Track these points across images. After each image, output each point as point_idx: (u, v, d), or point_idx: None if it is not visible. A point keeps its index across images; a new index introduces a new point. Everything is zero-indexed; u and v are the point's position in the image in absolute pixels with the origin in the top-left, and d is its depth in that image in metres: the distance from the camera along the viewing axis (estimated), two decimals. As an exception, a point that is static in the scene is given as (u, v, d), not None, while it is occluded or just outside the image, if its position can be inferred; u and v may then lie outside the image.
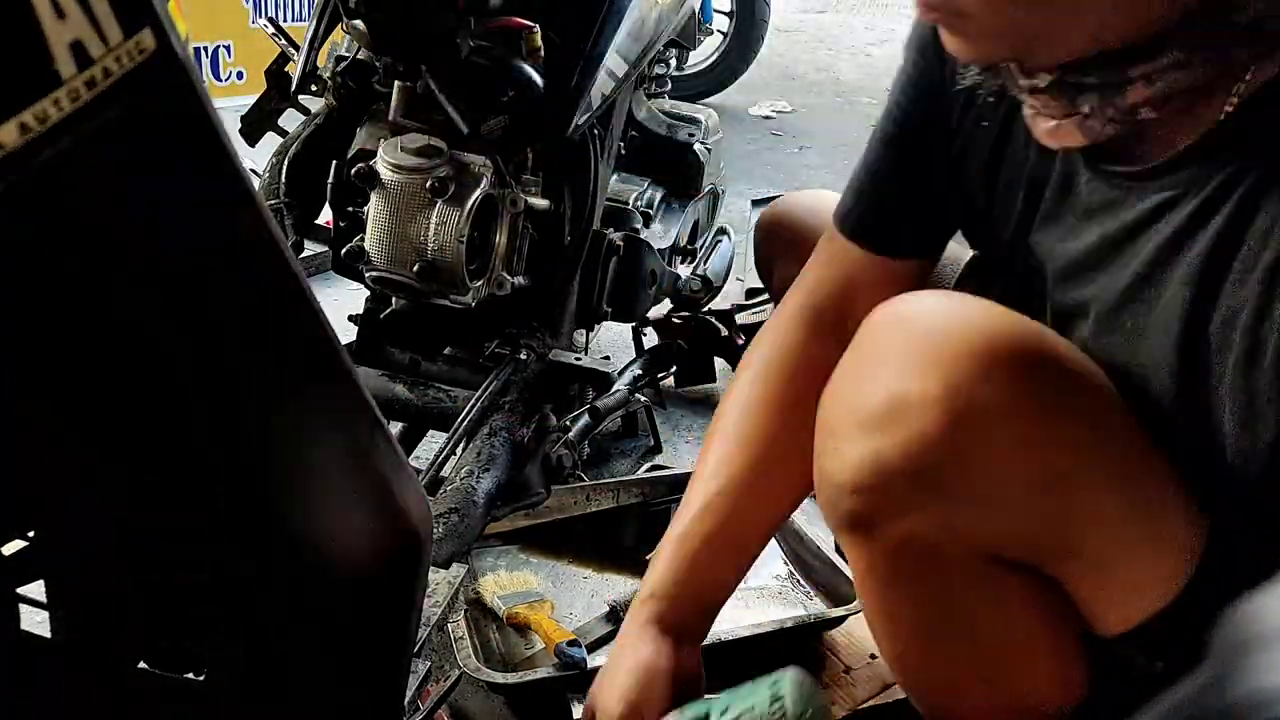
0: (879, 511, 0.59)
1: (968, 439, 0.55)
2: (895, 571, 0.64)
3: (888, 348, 0.59)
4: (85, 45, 0.25)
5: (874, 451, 0.57)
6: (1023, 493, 0.56)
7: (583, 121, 1.09)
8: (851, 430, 0.59)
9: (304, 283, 0.36)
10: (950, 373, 0.55)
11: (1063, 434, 0.56)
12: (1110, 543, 0.59)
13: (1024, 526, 0.58)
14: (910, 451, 0.56)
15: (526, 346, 1.15)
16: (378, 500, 0.45)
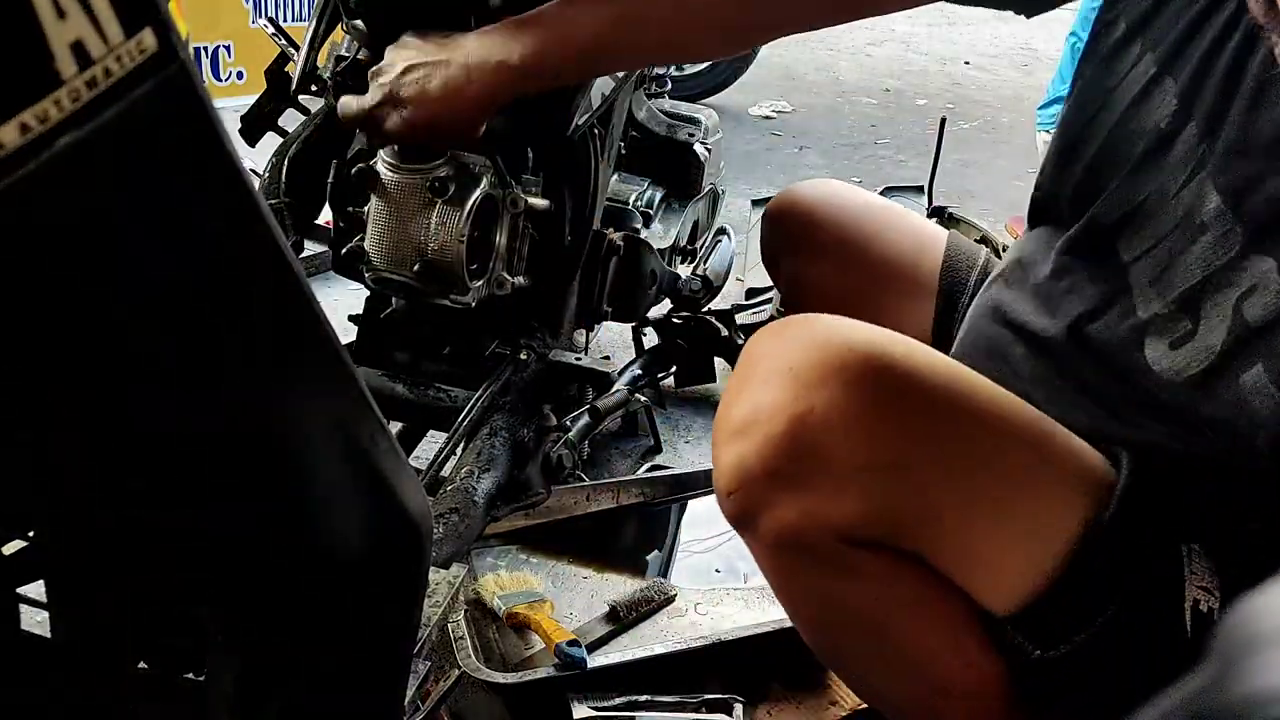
0: (750, 509, 0.67)
1: (809, 436, 0.63)
2: (779, 565, 0.71)
3: (752, 369, 0.68)
4: (86, 45, 0.25)
5: (738, 456, 0.66)
6: (864, 479, 0.63)
7: (583, 121, 1.09)
8: (725, 441, 0.67)
9: (304, 283, 0.36)
10: (793, 383, 0.64)
11: (898, 427, 0.64)
12: (966, 527, 0.65)
13: (872, 510, 0.64)
14: (764, 453, 0.64)
15: (526, 346, 1.15)
16: (378, 500, 0.45)
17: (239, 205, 0.32)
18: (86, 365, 0.31)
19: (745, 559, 1.14)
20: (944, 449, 0.65)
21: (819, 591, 0.71)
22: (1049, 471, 0.66)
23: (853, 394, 0.63)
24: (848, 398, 0.63)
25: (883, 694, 0.78)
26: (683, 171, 1.55)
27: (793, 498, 0.65)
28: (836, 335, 0.66)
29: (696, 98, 3.70)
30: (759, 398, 0.66)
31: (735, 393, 0.69)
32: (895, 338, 0.67)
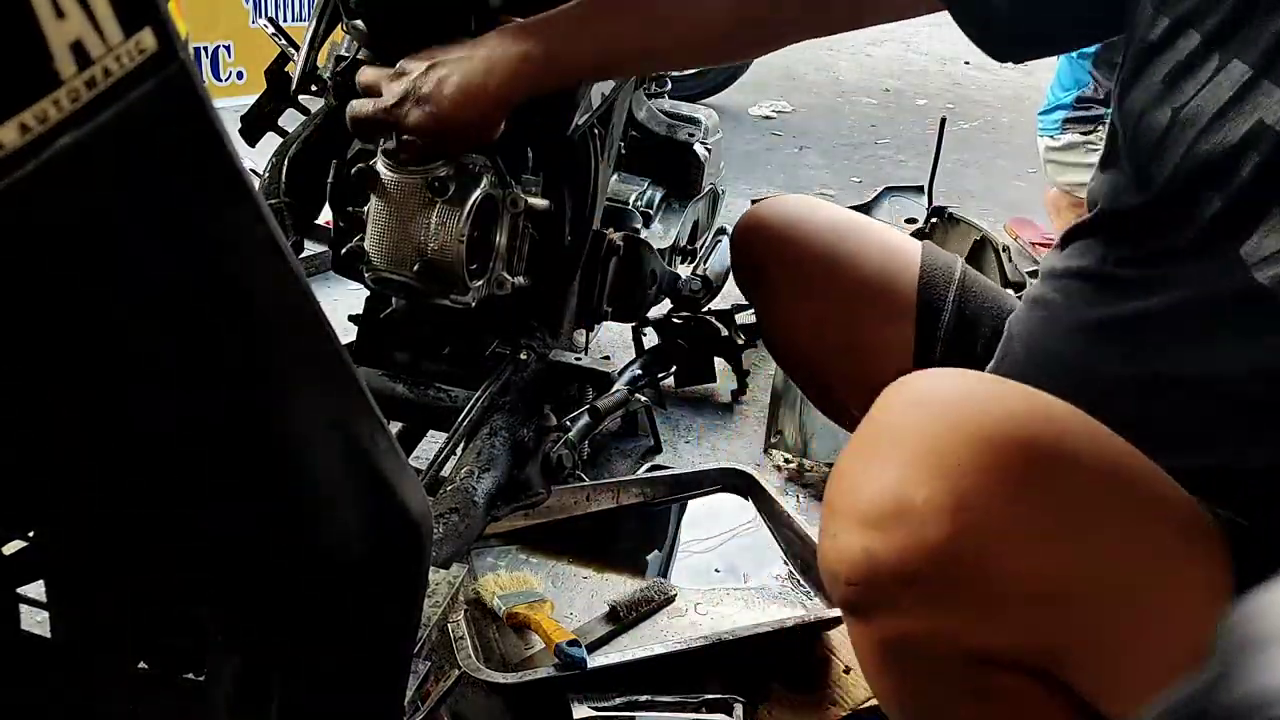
0: (872, 605, 0.59)
1: (966, 552, 0.54)
2: (888, 659, 0.63)
3: (893, 438, 0.58)
4: (85, 45, 0.25)
5: (868, 549, 0.56)
6: (1020, 606, 0.55)
7: (583, 121, 1.09)
8: (851, 520, 0.58)
9: (304, 283, 0.36)
10: (956, 480, 0.54)
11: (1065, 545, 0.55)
12: (1114, 639, 0.57)
13: (1020, 638, 0.57)
14: (908, 556, 0.55)
15: (526, 346, 1.15)
16: (378, 500, 0.45)
17: (238, 205, 0.32)
18: (86, 365, 0.31)
19: (745, 559, 1.14)
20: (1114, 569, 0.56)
21: (929, 694, 0.64)
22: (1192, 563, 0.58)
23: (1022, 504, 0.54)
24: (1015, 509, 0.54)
25: None
26: (683, 171, 1.55)
27: (929, 611, 0.56)
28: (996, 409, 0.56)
29: (697, 98, 3.70)
30: (901, 484, 0.55)
31: (866, 459, 0.59)
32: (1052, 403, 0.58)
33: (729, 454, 1.50)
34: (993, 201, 2.91)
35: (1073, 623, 0.56)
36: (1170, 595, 0.57)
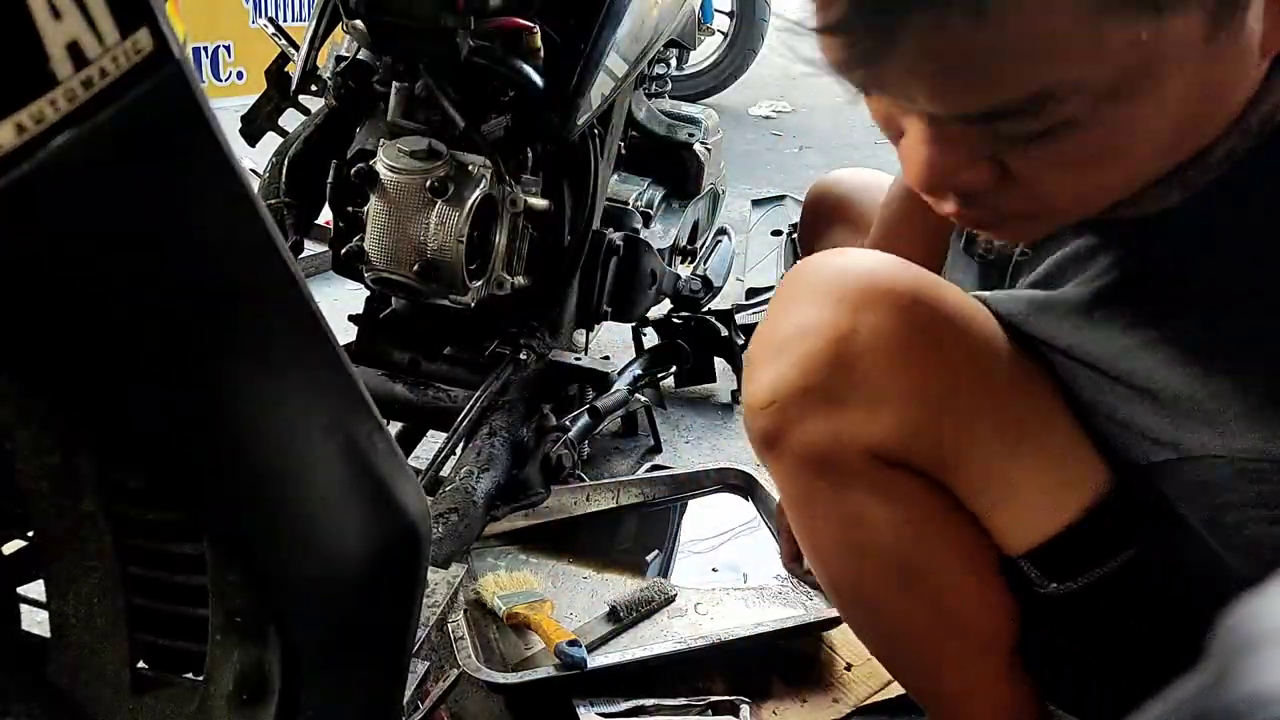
0: (783, 424, 0.69)
1: (852, 355, 0.65)
2: (804, 481, 0.72)
3: (795, 291, 0.70)
4: (82, 45, 0.25)
5: (777, 372, 0.68)
6: (901, 402, 0.65)
7: (583, 121, 1.09)
8: (764, 359, 0.69)
9: (303, 283, 0.36)
10: (839, 303, 0.66)
11: (936, 355, 0.65)
12: (993, 462, 0.66)
13: (905, 432, 0.65)
14: (805, 367, 0.66)
15: (526, 346, 1.15)
16: (376, 500, 0.45)
17: (236, 205, 0.32)
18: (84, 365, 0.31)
19: (745, 559, 1.14)
20: (982, 385, 0.66)
21: (843, 514, 0.71)
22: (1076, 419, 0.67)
23: (898, 320, 0.65)
24: (892, 323, 0.64)
25: (896, 639, 0.77)
26: (683, 171, 1.55)
27: (827, 414, 0.67)
28: (884, 264, 0.68)
29: (697, 98, 3.70)
30: (802, 317, 0.67)
31: (778, 312, 0.71)
32: (937, 278, 0.69)
33: (729, 454, 1.50)
34: (993, 201, 2.91)
35: (945, 423, 0.66)
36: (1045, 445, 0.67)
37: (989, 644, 0.72)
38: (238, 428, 0.36)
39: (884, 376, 0.65)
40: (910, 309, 0.65)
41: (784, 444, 0.70)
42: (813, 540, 0.77)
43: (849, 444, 0.67)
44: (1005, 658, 0.72)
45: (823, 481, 0.70)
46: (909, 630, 0.75)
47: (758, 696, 0.96)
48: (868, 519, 0.70)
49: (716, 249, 1.70)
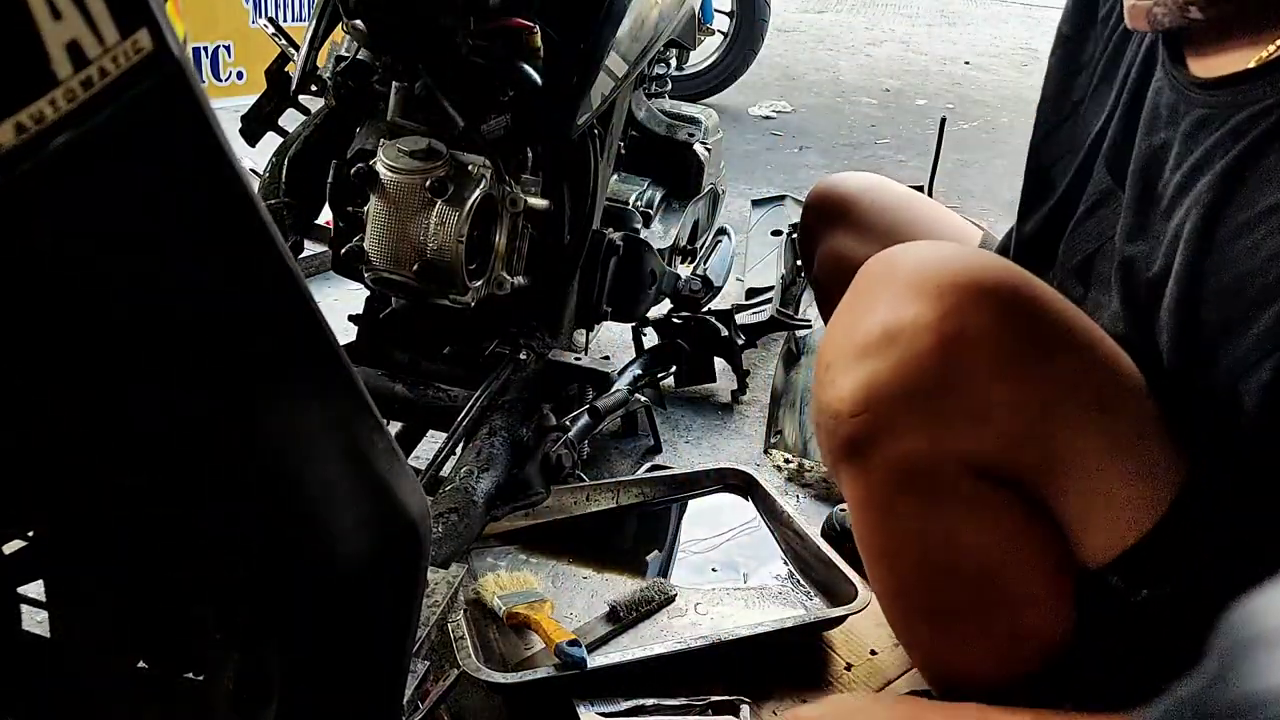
0: (875, 433, 0.62)
1: (957, 360, 0.59)
2: (891, 494, 0.66)
3: (880, 286, 0.63)
4: (81, 45, 0.25)
5: (870, 375, 0.61)
6: (1007, 413, 0.60)
7: (583, 121, 1.09)
8: (848, 360, 0.62)
9: (302, 283, 0.36)
10: (942, 301, 0.59)
11: (1044, 363, 0.60)
12: (1092, 468, 0.62)
13: (1009, 444, 0.61)
14: (905, 372, 0.60)
15: (526, 346, 1.15)
16: (376, 500, 0.45)
17: (235, 205, 0.32)
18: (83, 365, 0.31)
19: (745, 559, 1.14)
20: (1086, 390, 0.62)
21: (929, 531, 0.66)
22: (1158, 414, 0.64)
23: (1007, 321, 0.59)
24: (1001, 324, 0.59)
25: (950, 639, 0.73)
26: (683, 171, 1.55)
27: (927, 422, 0.61)
28: (985, 260, 0.62)
29: (698, 97, 3.70)
30: (894, 314, 0.60)
31: (860, 306, 0.64)
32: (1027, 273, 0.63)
33: (729, 454, 1.50)
34: (991, 201, 2.91)
35: (1056, 434, 0.61)
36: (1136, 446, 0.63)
37: (1049, 660, 0.69)
38: (237, 427, 0.36)
39: (992, 383, 0.59)
40: (1019, 310, 0.60)
41: (874, 453, 0.63)
42: (884, 550, 0.71)
43: (948, 455, 0.62)
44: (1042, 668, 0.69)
45: (911, 495, 0.65)
46: (972, 645, 0.71)
47: (758, 696, 0.96)
48: (956, 538, 0.65)
49: (716, 249, 1.70)
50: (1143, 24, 0.64)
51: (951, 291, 0.59)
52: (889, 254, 0.65)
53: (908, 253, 0.64)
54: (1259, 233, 0.56)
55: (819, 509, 1.39)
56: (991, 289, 0.59)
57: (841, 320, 0.65)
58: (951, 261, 0.61)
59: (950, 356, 0.59)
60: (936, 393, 0.60)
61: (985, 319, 0.59)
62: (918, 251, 0.64)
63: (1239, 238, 0.57)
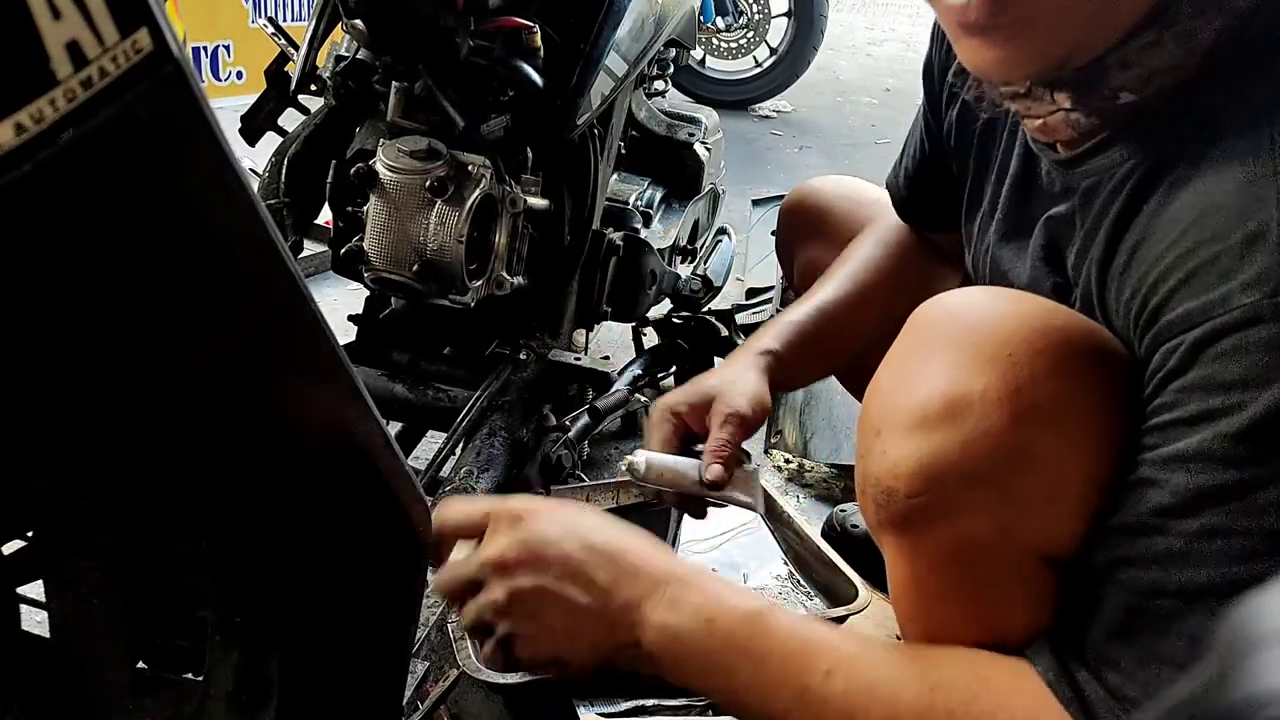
0: (933, 514, 0.56)
1: (1030, 437, 0.53)
2: (942, 575, 0.60)
3: (937, 344, 0.57)
4: (81, 45, 0.25)
5: (932, 453, 0.55)
6: (1082, 492, 0.54)
7: (583, 121, 1.09)
8: (903, 430, 0.56)
9: (302, 283, 0.36)
10: (1015, 370, 0.53)
11: (1111, 430, 0.54)
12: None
13: (1084, 525, 0.55)
14: (973, 452, 0.53)
15: (526, 346, 1.15)
16: (376, 501, 0.45)
17: (235, 205, 0.32)
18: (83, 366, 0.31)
19: (745, 559, 1.14)
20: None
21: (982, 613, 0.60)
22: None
23: (1082, 387, 0.53)
24: (1077, 391, 0.53)
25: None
26: (683, 171, 1.55)
27: (996, 506, 0.54)
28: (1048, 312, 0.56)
29: (755, 100, 3.82)
30: (963, 380, 0.54)
31: (914, 367, 0.58)
32: (1085, 317, 0.58)
33: (729, 454, 1.50)
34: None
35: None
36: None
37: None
38: (236, 428, 0.36)
39: (1068, 458, 0.53)
40: (1090, 371, 0.54)
41: (928, 533, 0.57)
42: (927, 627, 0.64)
43: (1016, 542, 0.56)
44: None
45: (966, 577, 0.58)
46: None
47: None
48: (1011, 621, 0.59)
49: (716, 249, 1.70)
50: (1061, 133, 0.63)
51: (1025, 360, 0.53)
52: (942, 305, 0.60)
53: (964, 304, 0.59)
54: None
55: (819, 509, 1.39)
56: (1065, 352, 0.54)
57: (892, 379, 0.59)
58: (1018, 319, 0.55)
59: (1023, 434, 0.53)
60: (1006, 474, 0.53)
61: (1060, 388, 0.53)
62: (975, 303, 0.58)
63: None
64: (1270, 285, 0.46)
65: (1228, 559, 0.47)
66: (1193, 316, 0.49)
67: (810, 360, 0.93)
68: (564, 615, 0.63)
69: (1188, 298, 0.50)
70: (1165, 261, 0.52)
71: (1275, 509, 0.46)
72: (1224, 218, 0.50)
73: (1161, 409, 0.51)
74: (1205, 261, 0.50)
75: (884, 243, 0.98)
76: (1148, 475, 0.51)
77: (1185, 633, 0.49)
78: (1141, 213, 0.56)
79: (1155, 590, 0.50)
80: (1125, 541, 0.52)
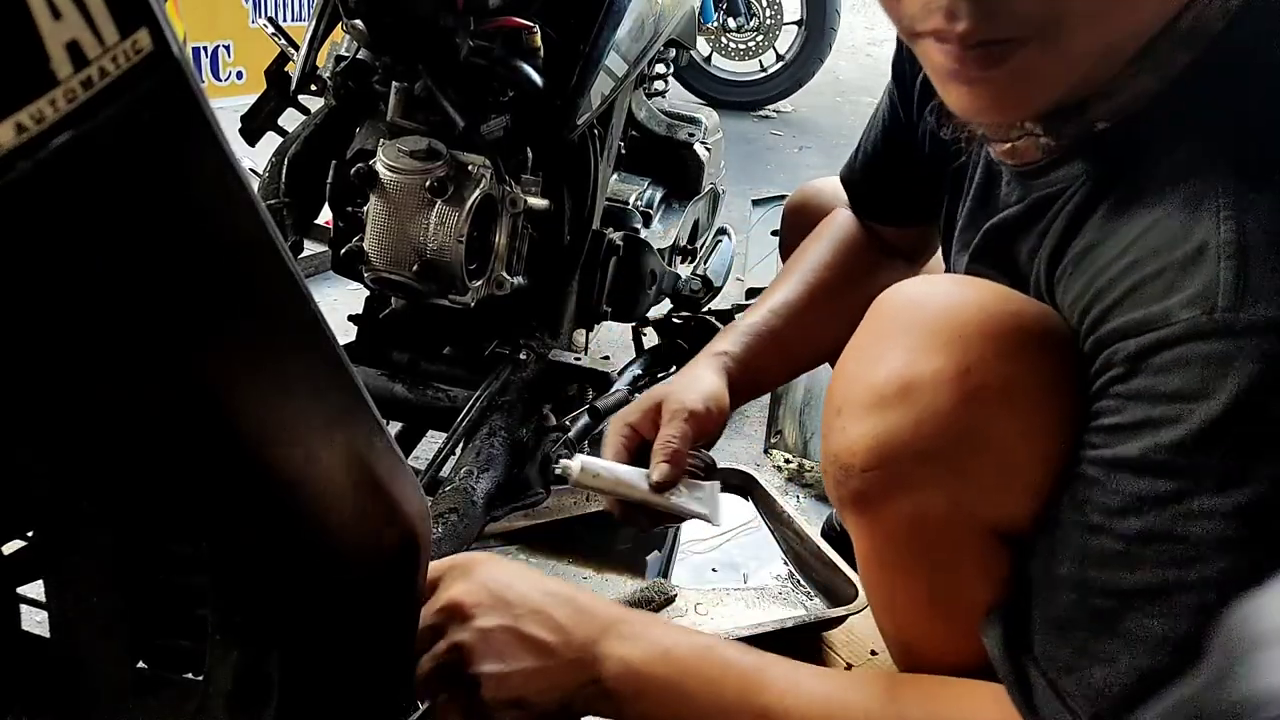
0: (888, 489, 0.59)
1: (981, 418, 0.55)
2: (900, 550, 0.63)
3: (896, 328, 0.59)
4: (81, 45, 0.25)
5: (885, 429, 0.57)
6: (1032, 468, 0.56)
7: (583, 121, 1.09)
8: (860, 409, 0.59)
9: (302, 283, 0.36)
10: (966, 352, 0.55)
11: (1063, 411, 0.55)
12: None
13: (1031, 499, 0.56)
14: (924, 430, 0.56)
15: (526, 346, 1.15)
16: (376, 501, 0.45)
17: (235, 205, 0.32)
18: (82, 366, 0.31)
19: (745, 559, 1.14)
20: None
21: (936, 584, 0.62)
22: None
23: (1031, 368, 0.55)
24: (1028, 375, 0.55)
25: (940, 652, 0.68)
26: (683, 171, 1.55)
27: (947, 482, 0.57)
28: (1002, 297, 0.58)
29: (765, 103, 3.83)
30: (909, 364, 0.56)
31: (873, 349, 0.60)
32: (1041, 304, 0.60)
33: (729, 454, 1.50)
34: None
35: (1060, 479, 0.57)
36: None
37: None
38: (237, 427, 0.36)
39: (1018, 439, 0.55)
40: (1046, 356, 0.56)
41: (885, 508, 0.60)
42: (888, 603, 0.68)
43: (969, 517, 0.58)
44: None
45: (922, 552, 0.61)
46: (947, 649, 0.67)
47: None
48: (968, 595, 0.61)
49: (716, 249, 1.70)
50: (1032, 155, 0.63)
51: (977, 341, 0.55)
52: (903, 291, 0.62)
53: (924, 291, 0.61)
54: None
55: (819, 509, 1.39)
56: (1017, 336, 0.56)
57: (853, 361, 0.62)
58: (974, 304, 0.57)
59: (973, 414, 0.55)
60: (957, 452, 0.56)
61: (1011, 370, 0.55)
62: (935, 290, 0.61)
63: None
64: (1210, 302, 0.48)
65: (1164, 563, 0.48)
66: (1135, 327, 0.51)
67: (768, 362, 0.92)
68: (529, 654, 0.63)
69: (1131, 308, 0.51)
70: (1112, 271, 0.53)
71: (1208, 516, 0.47)
72: (1169, 233, 0.51)
73: (1105, 411, 0.52)
74: (1150, 275, 0.51)
75: (835, 241, 0.98)
76: (1092, 474, 0.52)
77: (1119, 632, 0.50)
78: (1093, 217, 0.57)
79: (1094, 588, 0.52)
80: (1071, 535, 0.53)
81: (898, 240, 0.98)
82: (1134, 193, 0.55)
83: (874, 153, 0.94)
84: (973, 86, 0.55)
